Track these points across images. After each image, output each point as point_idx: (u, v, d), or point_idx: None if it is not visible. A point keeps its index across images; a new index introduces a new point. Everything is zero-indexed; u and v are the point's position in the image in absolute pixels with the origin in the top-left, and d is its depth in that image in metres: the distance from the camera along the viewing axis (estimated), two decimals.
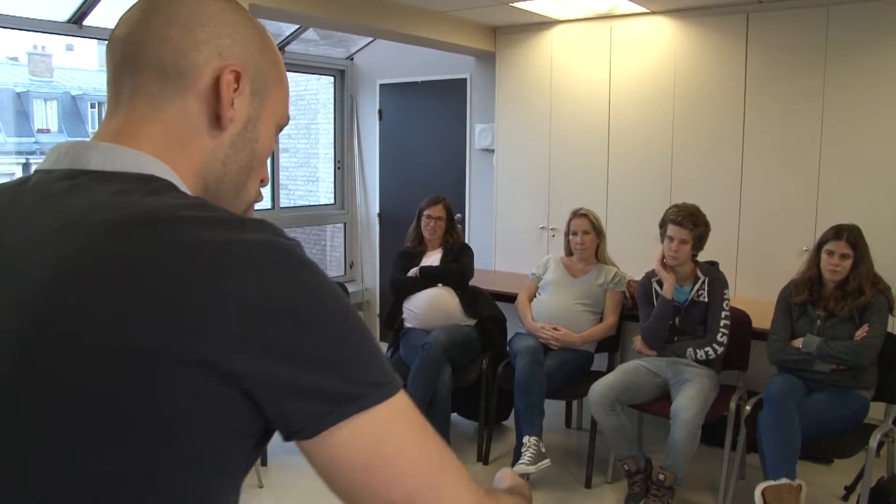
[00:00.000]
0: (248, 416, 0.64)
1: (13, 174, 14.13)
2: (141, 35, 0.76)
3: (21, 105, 15.13)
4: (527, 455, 3.41)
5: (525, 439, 3.48)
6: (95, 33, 4.28)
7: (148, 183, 0.71)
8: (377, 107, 6.11)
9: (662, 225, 3.52)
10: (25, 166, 13.92)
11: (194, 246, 0.63)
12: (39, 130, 14.58)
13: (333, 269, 6.86)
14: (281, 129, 0.86)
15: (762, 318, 3.50)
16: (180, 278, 0.61)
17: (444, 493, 0.68)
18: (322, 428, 0.64)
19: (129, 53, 0.76)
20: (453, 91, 5.66)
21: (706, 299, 3.47)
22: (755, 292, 4.12)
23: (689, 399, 3.24)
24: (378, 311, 6.17)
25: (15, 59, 16.39)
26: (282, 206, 5.99)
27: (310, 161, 7.52)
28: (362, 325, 0.68)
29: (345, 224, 6.56)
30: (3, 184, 0.76)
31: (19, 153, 14.27)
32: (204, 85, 0.76)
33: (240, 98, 0.78)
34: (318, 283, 0.66)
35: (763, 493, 2.91)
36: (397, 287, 4.23)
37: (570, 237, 3.97)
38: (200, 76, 0.76)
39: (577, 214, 3.95)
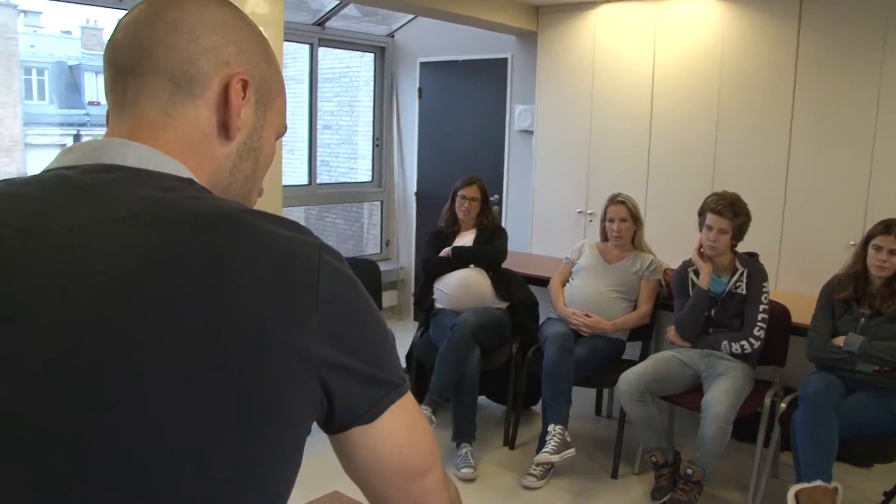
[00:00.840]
0: (318, 404, 0.68)
1: (64, 145, 14.43)
2: (147, 41, 0.75)
3: (73, 78, 15.43)
4: (551, 444, 3.36)
5: (550, 428, 3.42)
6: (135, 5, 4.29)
7: (192, 184, 0.72)
8: (417, 85, 6.05)
9: (701, 213, 3.41)
10: (76, 137, 14.21)
11: (283, 242, 0.67)
12: (90, 103, 14.86)
13: (370, 247, 6.85)
14: (279, 138, 0.87)
15: (803, 312, 3.37)
16: (274, 270, 0.65)
17: (439, 469, 0.81)
18: (381, 411, 0.72)
19: (134, 59, 0.75)
20: (494, 71, 5.57)
21: (744, 292, 3.36)
22: (797, 286, 3.98)
23: (722, 393, 3.14)
24: (413, 290, 6.14)
25: (68, 32, 16.72)
26: (318, 182, 5.98)
27: (352, 138, 7.52)
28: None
29: (382, 202, 6.53)
30: (10, 179, 0.73)
31: (70, 125, 14.55)
32: (213, 93, 0.76)
33: (246, 107, 0.78)
34: (361, 286, 0.73)
35: (796, 495, 2.81)
36: (429, 267, 4.19)
37: (607, 224, 3.87)
38: (210, 84, 0.76)
39: (615, 201, 3.85)
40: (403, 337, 4.50)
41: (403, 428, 0.75)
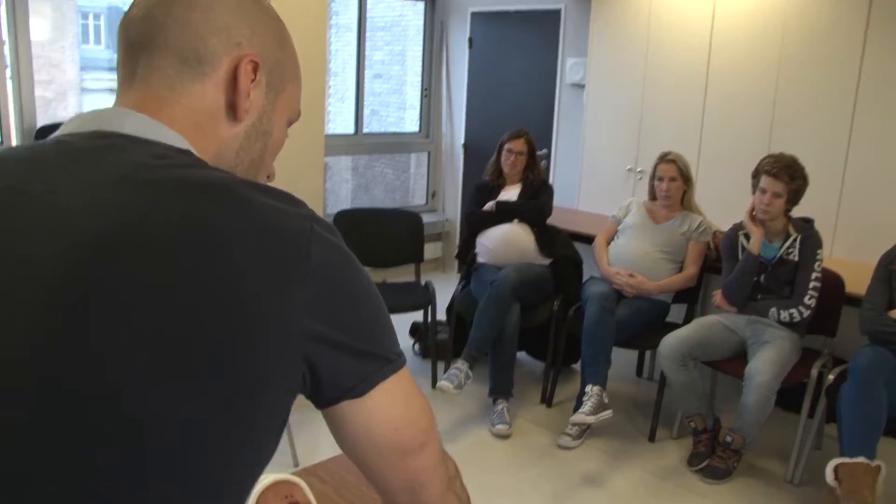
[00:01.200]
0: (300, 376, 0.68)
1: None
2: (161, 17, 0.75)
3: None
4: (588, 404, 3.32)
5: (588, 388, 3.38)
6: None
7: (188, 155, 0.72)
8: (467, 35, 5.93)
9: (755, 175, 3.27)
10: None
11: (275, 214, 0.66)
12: None
13: (416, 197, 6.82)
14: (291, 124, 0.87)
15: (858, 282, 3.24)
16: (269, 242, 0.64)
17: (436, 445, 0.80)
18: (371, 386, 0.71)
19: (147, 34, 0.75)
20: (546, 22, 5.42)
21: (796, 258, 3.23)
22: (854, 254, 3.83)
23: (766, 362, 3.05)
24: (457, 242, 6.11)
25: None
26: (365, 132, 5.94)
27: (402, 88, 7.45)
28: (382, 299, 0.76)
29: (429, 153, 6.48)
30: (10, 147, 0.75)
31: None
32: (222, 73, 0.76)
33: (256, 89, 0.78)
34: (356, 260, 0.72)
35: (836, 469, 2.73)
36: (472, 220, 4.14)
37: (656, 182, 3.76)
38: (219, 64, 0.76)
39: (665, 159, 3.72)
40: (445, 289, 4.49)
41: (397, 404, 0.74)
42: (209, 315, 0.61)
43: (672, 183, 3.68)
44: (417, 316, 4.33)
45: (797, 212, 3.32)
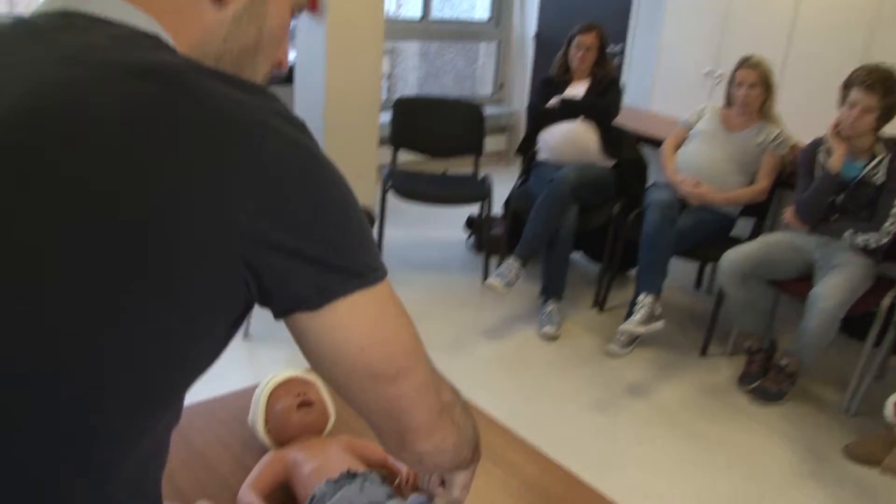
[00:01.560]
0: (242, 281, 0.62)
1: None
2: None
3: None
4: (638, 314, 3.23)
5: (640, 297, 3.28)
6: None
7: (152, 39, 0.66)
8: None
9: (846, 87, 2.99)
10: None
11: (227, 103, 0.60)
12: None
13: (483, 87, 6.62)
14: (299, 11, 0.79)
15: None
16: (213, 132, 0.59)
17: (421, 372, 0.73)
18: (330, 299, 0.64)
19: None
20: None
21: (880, 181, 2.99)
22: None
23: (834, 287, 2.89)
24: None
25: None
26: (432, 18, 5.70)
27: None
28: (360, 207, 0.68)
29: (498, 42, 6.23)
30: None
31: None
32: None
33: None
34: (329, 162, 0.65)
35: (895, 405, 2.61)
36: (535, 116, 3.98)
37: (734, 88, 3.50)
38: None
39: (746, 64, 3.44)
40: (506, 183, 4.38)
41: (364, 322, 0.67)
42: (141, 204, 0.56)
43: (751, 90, 3.43)
44: (474, 209, 4.26)
45: (889, 130, 3.06)
